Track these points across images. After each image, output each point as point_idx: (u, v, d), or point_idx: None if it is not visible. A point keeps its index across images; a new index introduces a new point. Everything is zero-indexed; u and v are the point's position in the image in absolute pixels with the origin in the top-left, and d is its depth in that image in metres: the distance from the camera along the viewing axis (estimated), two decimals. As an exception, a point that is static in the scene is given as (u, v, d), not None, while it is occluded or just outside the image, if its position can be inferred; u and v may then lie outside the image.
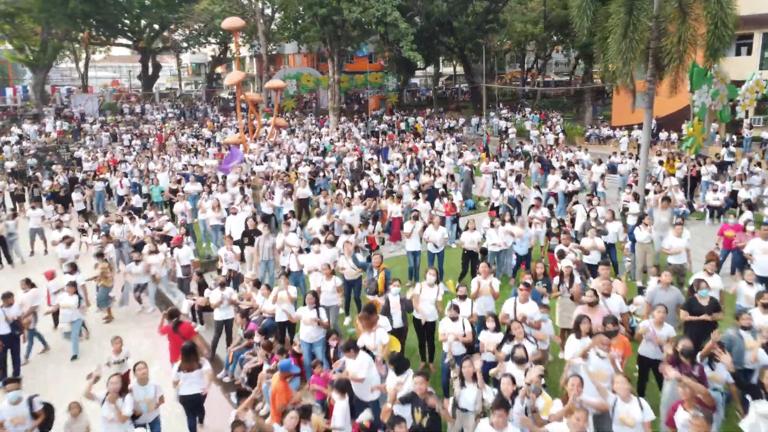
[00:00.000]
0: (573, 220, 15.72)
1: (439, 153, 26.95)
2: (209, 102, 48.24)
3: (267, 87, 26.58)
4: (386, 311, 8.92)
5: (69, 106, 44.49)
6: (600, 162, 21.63)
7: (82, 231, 16.10)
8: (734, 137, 27.89)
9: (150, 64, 54.43)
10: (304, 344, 9.19)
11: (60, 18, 36.02)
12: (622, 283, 9.42)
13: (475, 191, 21.51)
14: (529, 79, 63.85)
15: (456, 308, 8.27)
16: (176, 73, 69.50)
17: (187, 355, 7.87)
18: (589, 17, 17.80)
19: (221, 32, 46.54)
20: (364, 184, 18.25)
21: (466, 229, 12.95)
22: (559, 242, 11.94)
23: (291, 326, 10.16)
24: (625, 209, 16.17)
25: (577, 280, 9.60)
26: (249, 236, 13.39)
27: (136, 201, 19.31)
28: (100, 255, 13.07)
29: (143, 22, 49.01)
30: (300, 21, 35.91)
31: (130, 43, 54.44)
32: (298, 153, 26.23)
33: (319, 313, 9.17)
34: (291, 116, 40.69)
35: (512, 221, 13.40)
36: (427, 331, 9.39)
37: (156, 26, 51.17)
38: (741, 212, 16.22)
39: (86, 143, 31.79)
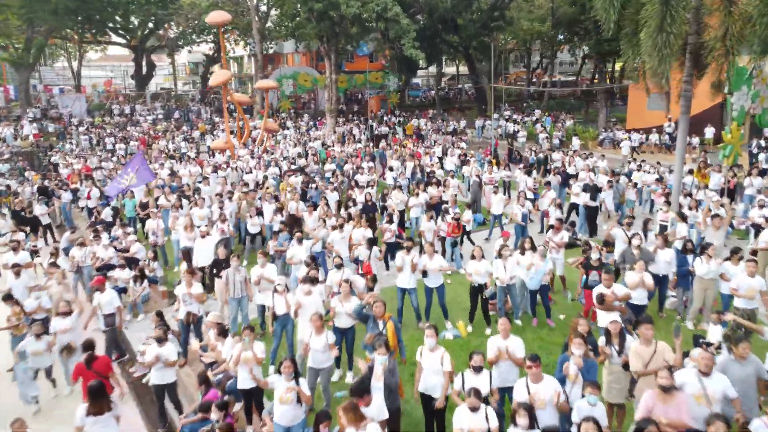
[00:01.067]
0: (606, 243, 13.46)
1: (440, 158, 24.72)
2: (204, 103, 45.92)
3: (257, 87, 24.33)
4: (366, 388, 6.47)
5: (57, 106, 42.23)
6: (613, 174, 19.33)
7: (34, 252, 13.87)
8: (762, 142, 25.55)
9: (144, 64, 52.23)
10: (279, 428, 6.89)
11: (43, 14, 33.74)
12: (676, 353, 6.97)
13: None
14: (534, 79, 61.53)
15: (477, 394, 5.95)
16: (174, 73, 67.30)
17: (95, 397, 6.62)
18: (616, 9, 15.49)
19: (215, 30, 44.25)
20: (358, 196, 15.95)
21: (473, 257, 10.60)
22: (599, 279, 9.63)
23: (260, 394, 7.89)
24: (662, 230, 13.83)
25: (630, 341, 7.28)
26: (218, 267, 11.09)
27: (106, 214, 17.08)
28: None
29: (135, 20, 46.78)
30: (297, 18, 33.50)
31: (123, 41, 52.37)
32: (292, 159, 23.96)
33: (298, 382, 6.88)
34: (287, 117, 38.38)
35: (533, 248, 11.08)
36: (437, 417, 7.06)
37: (150, 24, 49.07)
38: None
39: (65, 147, 29.49)
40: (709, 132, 27.92)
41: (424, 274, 10.47)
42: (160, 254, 14.60)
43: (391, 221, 13.86)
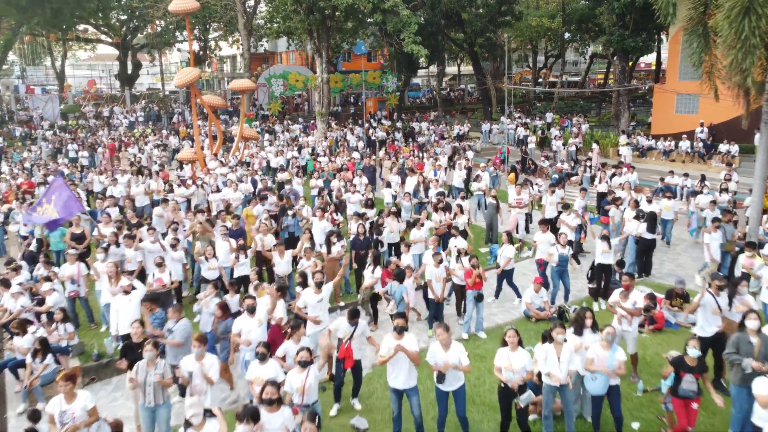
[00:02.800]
0: (680, 295, 9.90)
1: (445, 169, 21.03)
2: (188, 104, 42.12)
3: (230, 88, 20.63)
4: None
5: (28, 108, 38.48)
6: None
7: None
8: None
9: (129, 63, 48.46)
10: None
11: (3, 7, 29.99)
12: None
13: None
14: (540, 79, 57.78)
15: None
16: (162, 73, 63.15)
17: None
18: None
19: (199, 26, 40.53)
20: (352, 227, 12.28)
21: (504, 344, 6.91)
22: (696, 388, 5.99)
23: None
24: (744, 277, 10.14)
25: None
26: (126, 354, 7.44)
27: (35, 245, 13.49)
28: None
29: (117, 15, 43.06)
30: (285, 11, 29.69)
31: (109, 40, 48.63)
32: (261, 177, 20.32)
33: None
34: (275, 121, 34.58)
35: (594, 326, 7.42)
36: None
37: (135, 22, 45.33)
38: None
39: (21, 155, 25.74)
40: (758, 139, 24.10)
41: (440, 378, 6.80)
42: (82, 309, 10.94)
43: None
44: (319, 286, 8.66)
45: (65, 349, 9.55)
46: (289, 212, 13.39)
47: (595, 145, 26.13)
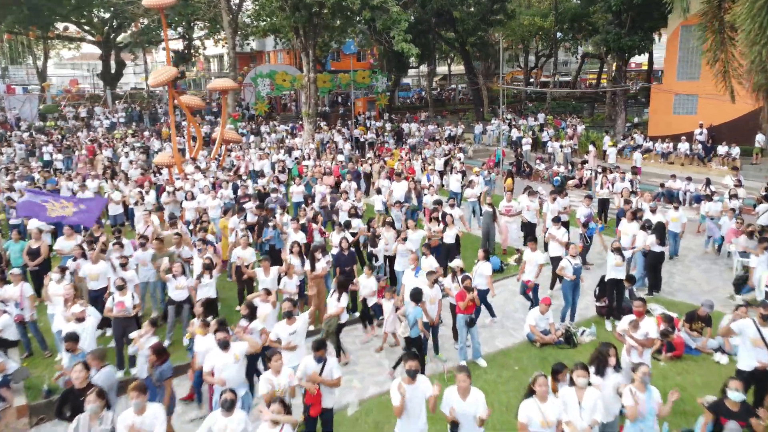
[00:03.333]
0: (702, 319, 8.93)
1: (440, 173, 19.98)
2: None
3: (209, 88, 19.44)
4: None
5: (4, 109, 36.96)
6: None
7: None
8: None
9: (113, 62, 46.91)
10: None
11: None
12: None
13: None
14: (531, 79, 56.87)
15: None
16: (146, 72, 61.47)
17: None
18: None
19: (183, 24, 39.12)
20: (335, 239, 11.17)
21: (529, 394, 5.85)
22: None
23: None
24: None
25: None
26: (65, 403, 6.28)
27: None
28: None
29: (98, 13, 41.59)
30: (269, 7, 28.45)
31: (92, 38, 47.08)
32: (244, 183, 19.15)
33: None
34: (260, 122, 33.31)
35: (617, 365, 6.37)
36: None
37: (117, 20, 43.81)
38: None
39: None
40: (762, 140, 23.27)
41: (453, 429, 5.74)
42: (31, 333, 9.75)
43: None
44: (289, 316, 7.53)
45: (4, 379, 8.32)
46: (270, 223, 12.23)
47: (591, 147, 25.20)
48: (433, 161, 21.64)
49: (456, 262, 9.80)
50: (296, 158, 21.00)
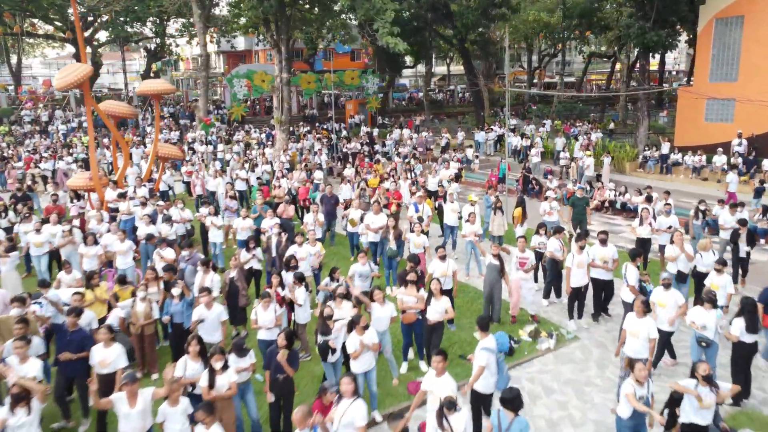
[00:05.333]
0: None
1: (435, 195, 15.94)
2: (145, 107, 36.71)
3: (138, 93, 15.44)
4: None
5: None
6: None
7: None
8: None
9: (88, 61, 42.89)
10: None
11: None
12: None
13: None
14: (535, 80, 52.75)
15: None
16: (141, 72, 57.38)
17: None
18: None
19: (151, 18, 35.05)
20: (299, 294, 7.32)
21: None
22: None
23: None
24: None
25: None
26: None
27: None
28: None
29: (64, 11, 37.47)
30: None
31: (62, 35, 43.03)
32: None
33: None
34: (235, 128, 29.19)
35: None
36: None
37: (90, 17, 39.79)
38: None
39: None
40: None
41: None
42: None
43: None
44: None
45: None
46: (174, 291, 8.23)
47: (606, 159, 21.17)
48: (425, 177, 17.64)
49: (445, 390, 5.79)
50: (259, 178, 16.93)
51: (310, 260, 9.99)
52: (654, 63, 44.38)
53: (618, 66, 41.97)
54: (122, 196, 13.09)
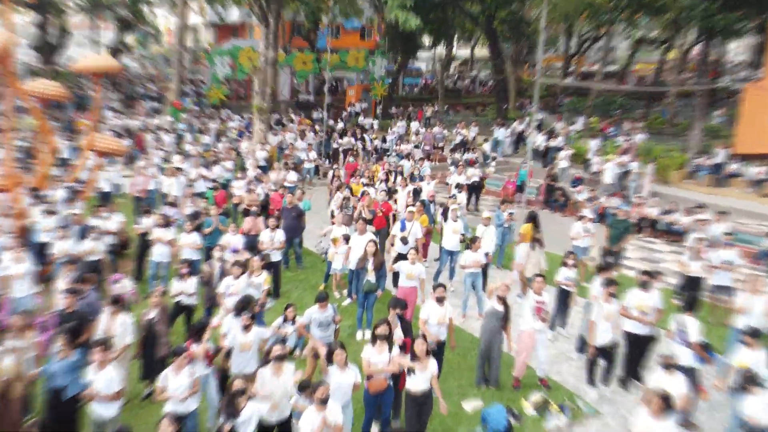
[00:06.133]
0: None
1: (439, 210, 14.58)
2: (113, 87, 35.67)
3: (75, 69, 14.26)
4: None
5: None
6: None
7: None
8: None
9: (53, 31, 41.77)
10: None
11: None
12: None
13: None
14: (572, 68, 51.01)
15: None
16: (119, 47, 56.09)
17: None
18: None
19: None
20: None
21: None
22: None
23: None
24: None
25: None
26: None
27: None
28: None
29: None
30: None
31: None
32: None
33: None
34: (211, 116, 27.89)
35: None
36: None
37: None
38: None
39: None
40: None
41: None
42: None
43: None
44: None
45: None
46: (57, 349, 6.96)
47: (649, 167, 19.68)
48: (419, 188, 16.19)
49: None
50: (214, 180, 15.63)
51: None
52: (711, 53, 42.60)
53: (670, 55, 40.22)
54: (37, 198, 11.91)
